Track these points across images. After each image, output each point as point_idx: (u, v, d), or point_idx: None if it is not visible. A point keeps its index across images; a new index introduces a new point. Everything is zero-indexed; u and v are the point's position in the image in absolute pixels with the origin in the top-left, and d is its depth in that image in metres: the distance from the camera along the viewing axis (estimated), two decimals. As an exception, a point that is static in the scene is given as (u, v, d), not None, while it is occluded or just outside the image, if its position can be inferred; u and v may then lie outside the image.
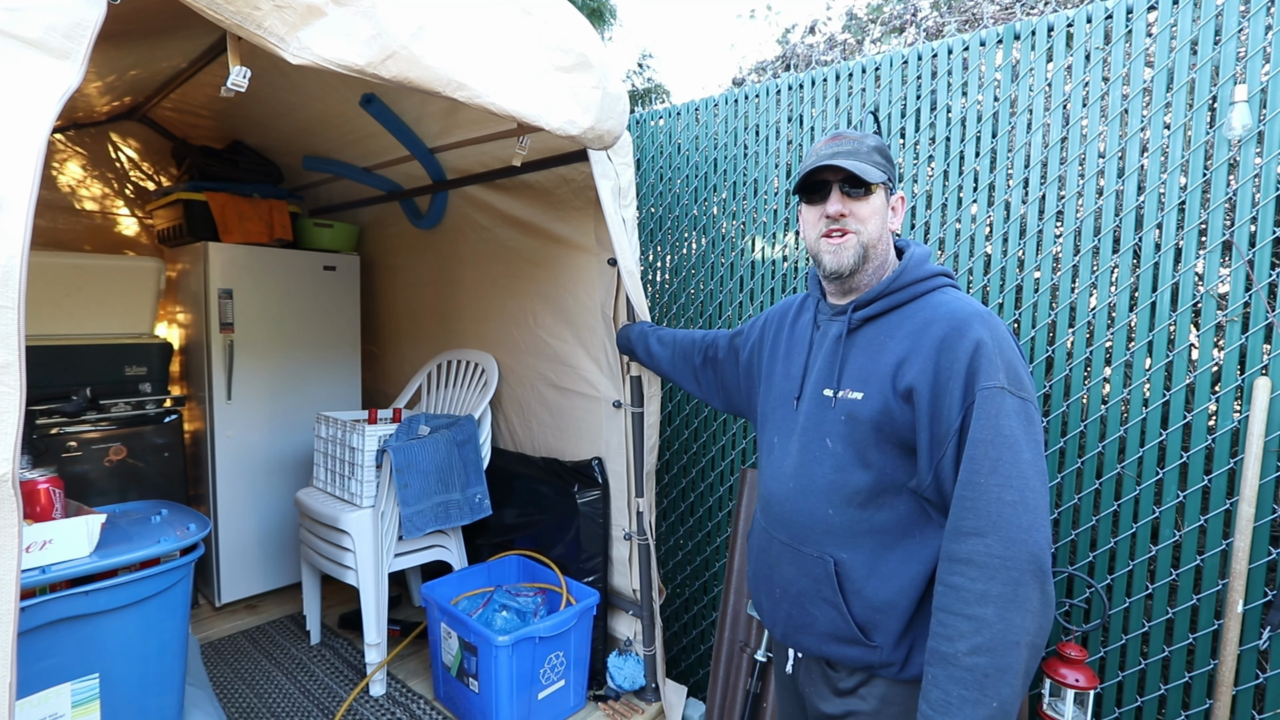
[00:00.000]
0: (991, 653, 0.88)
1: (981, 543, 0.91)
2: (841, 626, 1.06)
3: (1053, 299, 1.63)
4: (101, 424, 2.49)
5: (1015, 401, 0.94)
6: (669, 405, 2.41)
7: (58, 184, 2.87)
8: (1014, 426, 0.93)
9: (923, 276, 1.10)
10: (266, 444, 2.80)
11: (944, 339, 1.00)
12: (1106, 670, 1.57)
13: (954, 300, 1.06)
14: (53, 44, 0.82)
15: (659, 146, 2.42)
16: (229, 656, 2.40)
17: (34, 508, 1.36)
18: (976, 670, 0.88)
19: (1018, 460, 0.92)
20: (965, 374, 0.96)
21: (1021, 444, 0.92)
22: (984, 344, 0.97)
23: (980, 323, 0.99)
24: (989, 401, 0.94)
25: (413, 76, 1.20)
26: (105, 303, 2.55)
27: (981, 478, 0.92)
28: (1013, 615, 0.88)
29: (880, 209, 1.11)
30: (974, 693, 0.87)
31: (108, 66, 2.17)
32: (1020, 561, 0.89)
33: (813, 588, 1.09)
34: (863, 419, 1.05)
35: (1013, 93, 1.66)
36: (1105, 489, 1.56)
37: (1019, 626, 0.88)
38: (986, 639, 0.88)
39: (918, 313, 1.06)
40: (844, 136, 1.11)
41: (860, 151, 1.09)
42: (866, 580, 1.05)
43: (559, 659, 1.98)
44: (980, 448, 0.93)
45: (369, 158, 2.61)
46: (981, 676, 0.87)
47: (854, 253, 1.09)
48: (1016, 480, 0.91)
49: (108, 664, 1.30)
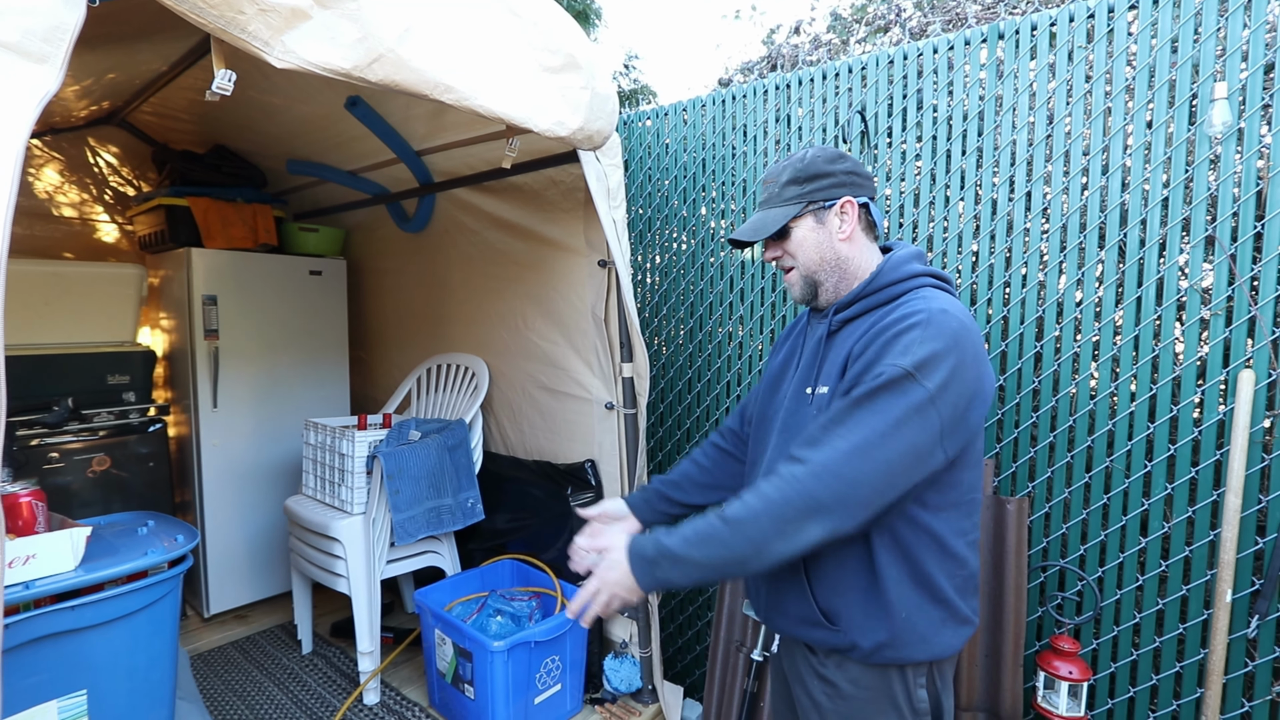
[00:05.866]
0: (726, 524, 0.96)
1: (787, 465, 0.97)
2: (807, 610, 1.09)
3: (1040, 295, 1.64)
4: (84, 434, 2.44)
5: (910, 384, 0.93)
6: (660, 407, 2.41)
7: (35, 191, 2.82)
8: (890, 400, 0.93)
9: (900, 278, 1.09)
10: (254, 451, 2.77)
11: (888, 326, 1.00)
12: (1099, 661, 1.59)
13: (926, 300, 1.03)
14: (30, 48, 0.80)
15: (647, 148, 2.42)
16: (219, 668, 2.36)
17: (16, 521, 1.33)
18: (709, 531, 0.97)
19: (861, 424, 0.94)
20: (880, 346, 0.98)
21: (884, 413, 0.93)
22: (916, 326, 0.97)
23: (927, 318, 0.98)
24: (884, 374, 0.95)
25: (399, 80, 1.19)
26: (86, 311, 2.51)
27: (833, 425, 0.96)
28: (761, 517, 0.94)
29: (807, 237, 1.14)
30: (695, 538, 0.97)
31: (85, 70, 2.13)
32: (796, 486, 0.93)
33: (782, 572, 1.12)
34: (824, 410, 1.06)
35: (998, 91, 1.67)
36: (1095, 482, 1.58)
37: (759, 529, 0.94)
38: (742, 514, 0.95)
39: (893, 312, 1.05)
40: (765, 183, 1.18)
41: (773, 196, 1.15)
42: (826, 565, 1.07)
43: (555, 663, 1.97)
44: (848, 403, 0.96)
45: (354, 161, 2.58)
46: (707, 537, 0.97)
47: (799, 285, 1.17)
48: (857, 438, 0.93)
49: (95, 680, 1.27)
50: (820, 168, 1.13)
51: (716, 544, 0.96)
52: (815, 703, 1.13)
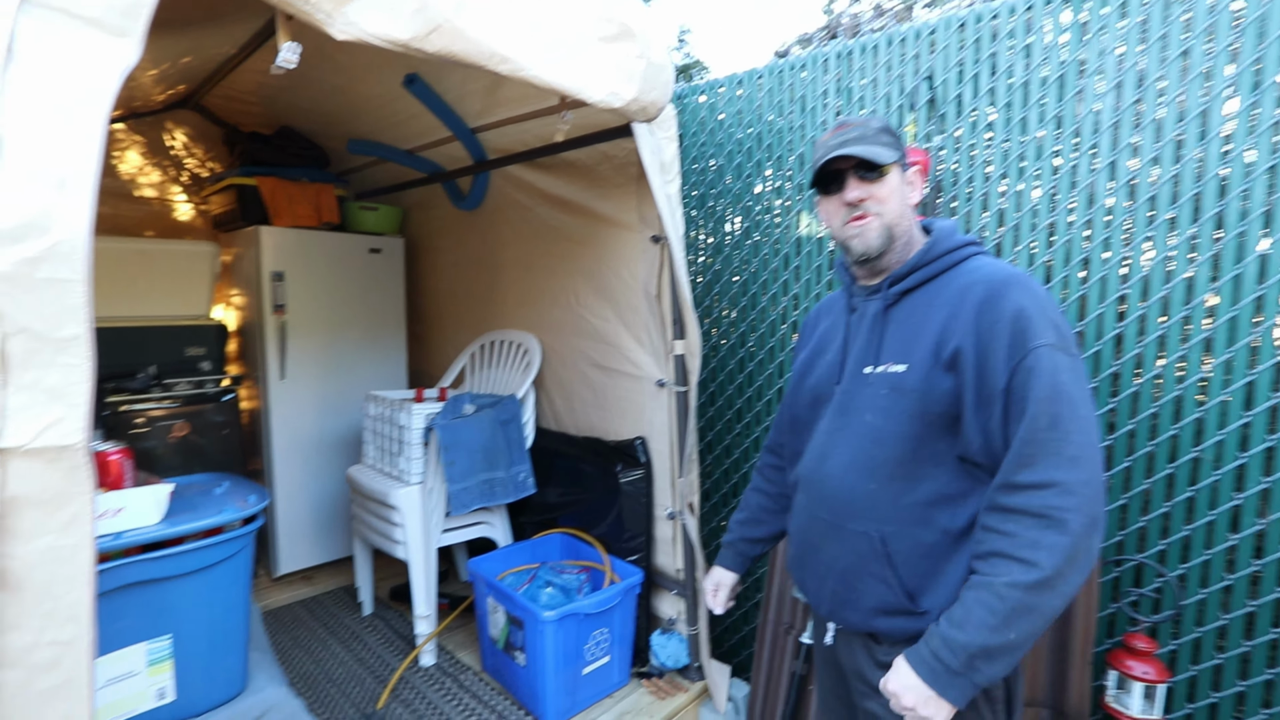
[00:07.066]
0: (1031, 591, 0.87)
1: (1038, 496, 0.90)
2: (890, 600, 1.05)
3: (1123, 272, 1.53)
4: (165, 402, 2.60)
5: (1067, 359, 0.94)
6: (711, 386, 2.38)
7: (118, 173, 2.99)
8: (1069, 383, 0.93)
9: (954, 246, 1.10)
10: (318, 422, 2.89)
11: (983, 300, 1.00)
12: (1177, 663, 1.50)
13: (988, 265, 1.06)
14: (111, 22, 0.84)
15: (700, 122, 2.37)
16: (287, 624, 2.50)
17: (106, 477, 1.43)
18: (1009, 600, 0.88)
19: (1076, 415, 0.91)
20: (1010, 333, 0.96)
21: (1078, 400, 0.92)
22: (1026, 304, 0.97)
23: (1018, 284, 1.00)
24: (1043, 359, 0.93)
25: (457, 50, 1.19)
26: (165, 286, 2.65)
27: (1041, 433, 0.91)
28: (1063, 566, 0.87)
29: (897, 188, 1.11)
30: (996, 619, 0.88)
31: (162, 54, 2.23)
32: (1078, 516, 0.88)
33: (858, 564, 1.09)
34: (906, 390, 1.04)
35: (1081, 54, 1.56)
36: (1180, 474, 1.47)
37: (1067, 578, 0.88)
38: (1032, 579, 0.87)
39: (954, 280, 1.07)
40: (849, 124, 1.13)
41: (868, 135, 1.10)
42: (912, 551, 1.04)
43: (603, 635, 2.00)
44: (1039, 404, 0.92)
45: (411, 139, 2.63)
46: (1011, 608, 0.87)
47: (878, 234, 1.11)
48: (1076, 435, 0.90)
49: (178, 626, 1.36)
50: (900, 132, 1.13)
51: (1027, 614, 0.87)
52: (879, 691, 1.09)
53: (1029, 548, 0.88)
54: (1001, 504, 0.93)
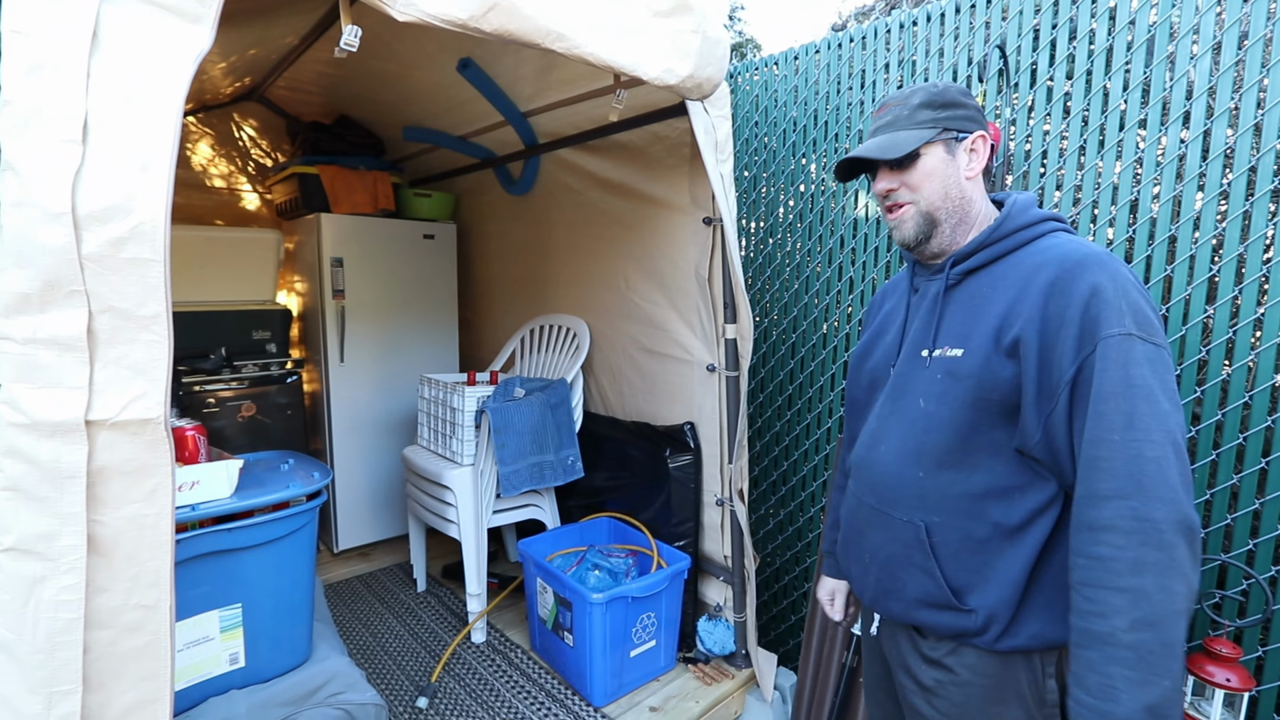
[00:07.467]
0: (1155, 627, 0.79)
1: (1126, 505, 0.82)
2: (933, 592, 1.01)
3: (1215, 252, 1.42)
4: (234, 383, 2.73)
5: (1146, 348, 0.85)
6: (761, 371, 2.34)
7: (191, 164, 3.13)
8: (1147, 375, 0.84)
9: (1028, 222, 1.02)
10: (375, 403, 2.98)
11: (1053, 283, 0.92)
12: (1264, 671, 1.40)
13: (1066, 243, 0.96)
14: (187, 8, 0.86)
15: (754, 100, 2.31)
16: (346, 598, 2.60)
17: (183, 452, 1.51)
18: (1141, 648, 0.79)
19: (1156, 412, 0.83)
20: (1080, 321, 0.88)
21: (1158, 394, 0.84)
22: (1102, 287, 0.88)
23: (1096, 264, 0.90)
24: (1115, 350, 0.85)
25: (513, 28, 1.18)
26: (233, 272, 2.77)
27: (1116, 434, 0.84)
28: (1172, 582, 0.80)
29: (936, 168, 1.03)
30: (1140, 673, 0.79)
31: (231, 47, 2.31)
32: (1172, 522, 0.80)
33: (902, 553, 1.05)
34: (962, 376, 0.98)
35: (1173, 14, 1.44)
36: (1273, 469, 1.37)
37: (1179, 594, 0.80)
38: (1147, 612, 0.79)
39: (1025, 260, 0.98)
40: (888, 105, 1.07)
41: (901, 118, 1.04)
42: (961, 544, 0.99)
43: (650, 619, 2.01)
44: (1111, 401, 0.84)
45: (464, 125, 2.66)
46: (1147, 654, 0.79)
47: (913, 223, 1.06)
48: (1158, 434, 0.82)
49: (248, 595, 1.43)
50: (955, 97, 1.04)
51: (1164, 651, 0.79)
52: (923, 688, 1.06)
53: (1130, 573, 0.81)
54: (1086, 520, 0.86)
